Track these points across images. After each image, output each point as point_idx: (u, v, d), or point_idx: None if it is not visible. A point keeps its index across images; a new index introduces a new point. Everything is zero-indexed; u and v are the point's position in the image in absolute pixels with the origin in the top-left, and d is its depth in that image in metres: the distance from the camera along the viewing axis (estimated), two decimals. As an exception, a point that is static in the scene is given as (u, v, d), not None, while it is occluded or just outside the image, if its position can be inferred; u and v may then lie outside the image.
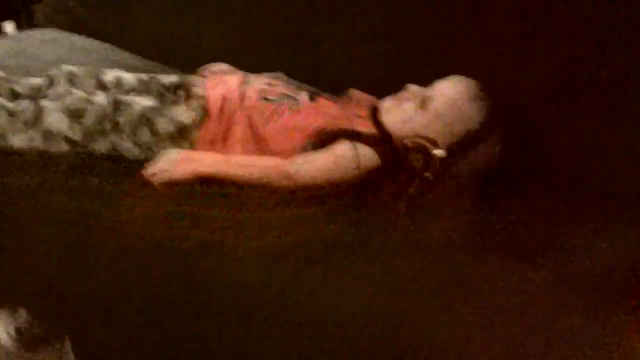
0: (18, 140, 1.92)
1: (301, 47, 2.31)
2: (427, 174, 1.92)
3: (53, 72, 2.09)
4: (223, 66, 2.23)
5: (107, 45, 2.49)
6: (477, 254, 1.69)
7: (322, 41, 2.29)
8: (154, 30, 2.49)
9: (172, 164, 1.84)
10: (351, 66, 2.24)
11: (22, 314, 1.82)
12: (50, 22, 2.64)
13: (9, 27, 2.89)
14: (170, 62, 2.40)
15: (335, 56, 2.26)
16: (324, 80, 2.12)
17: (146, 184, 1.84)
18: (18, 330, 1.82)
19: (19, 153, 1.92)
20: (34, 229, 1.85)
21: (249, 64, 2.22)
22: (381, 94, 2.08)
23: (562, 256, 1.69)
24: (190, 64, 2.27)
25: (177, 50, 2.45)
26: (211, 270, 1.70)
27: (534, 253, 1.70)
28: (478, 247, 1.72)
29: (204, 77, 2.14)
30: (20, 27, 2.84)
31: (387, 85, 2.08)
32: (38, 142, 1.92)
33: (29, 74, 2.12)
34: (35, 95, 2.01)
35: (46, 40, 2.50)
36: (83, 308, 1.79)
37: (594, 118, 1.96)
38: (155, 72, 2.15)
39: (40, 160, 1.91)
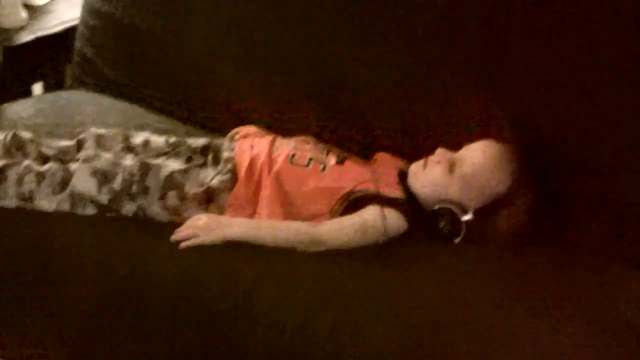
0: (46, 203, 1.93)
1: (335, 106, 2.30)
2: (456, 240, 1.93)
3: (82, 135, 2.10)
4: (252, 128, 2.24)
5: (135, 107, 2.50)
6: (507, 307, 1.69)
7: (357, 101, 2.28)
8: (184, 92, 2.49)
9: (201, 229, 1.84)
10: (382, 128, 2.23)
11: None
12: (80, 84, 2.66)
13: (38, 87, 2.91)
14: (201, 126, 2.40)
15: (368, 116, 2.25)
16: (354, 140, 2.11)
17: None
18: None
19: (46, 214, 1.93)
20: (64, 290, 1.86)
21: (282, 123, 2.25)
22: (410, 157, 2.08)
23: (593, 307, 1.69)
24: (221, 128, 2.28)
25: (208, 113, 2.44)
26: (249, 331, 1.71)
27: (564, 305, 1.70)
28: (507, 299, 1.71)
29: (234, 140, 2.15)
30: (49, 88, 2.85)
31: (416, 146, 2.10)
32: (66, 205, 1.93)
33: (58, 136, 2.14)
34: (64, 158, 2.02)
35: (75, 102, 2.52)
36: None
37: (622, 176, 1.96)
38: (185, 135, 2.16)
39: (68, 222, 1.92)
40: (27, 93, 2.84)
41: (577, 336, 1.62)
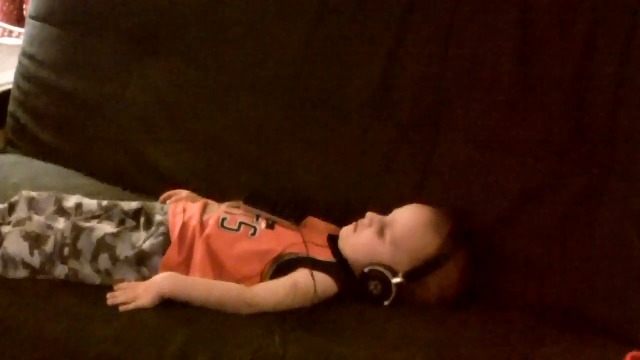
0: None
1: (264, 166, 2.35)
2: (386, 302, 1.95)
3: (14, 198, 2.10)
4: (184, 193, 2.26)
5: (69, 172, 2.50)
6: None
7: (284, 160, 2.33)
8: (116, 157, 2.51)
9: (136, 293, 1.86)
10: (312, 192, 2.27)
11: None
12: (12, 147, 2.65)
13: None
14: (133, 189, 2.42)
15: (297, 181, 2.30)
16: (284, 205, 2.14)
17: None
18: None
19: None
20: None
21: (212, 183, 2.28)
22: (340, 221, 2.12)
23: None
24: (153, 191, 2.30)
25: (140, 177, 2.46)
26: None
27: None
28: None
29: (166, 204, 2.16)
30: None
31: (346, 212, 2.13)
32: (-2, 268, 1.93)
33: (-12, 199, 2.14)
34: (-4, 222, 2.02)
35: (8, 165, 2.51)
36: None
37: (554, 237, 2.03)
38: (117, 198, 2.17)
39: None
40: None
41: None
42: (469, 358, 1.78)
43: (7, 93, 2.72)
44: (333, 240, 2.06)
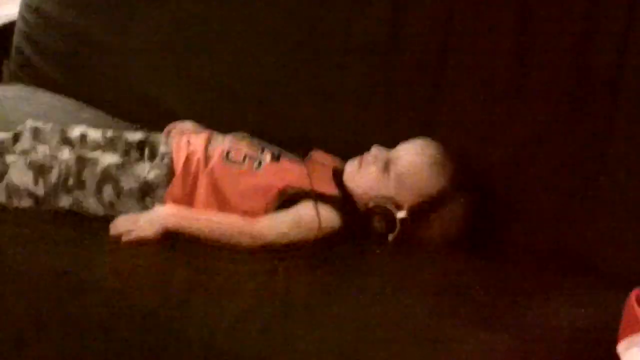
0: None
1: (268, 105, 2.34)
2: (389, 237, 1.95)
3: (19, 127, 2.10)
4: (188, 124, 2.25)
5: (73, 102, 2.50)
6: (442, 313, 1.72)
7: (289, 99, 2.32)
8: (120, 94, 2.50)
9: (137, 224, 1.86)
10: (317, 125, 2.27)
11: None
12: (16, 79, 2.65)
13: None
14: (137, 120, 2.41)
15: (302, 113, 2.30)
16: (289, 137, 2.14)
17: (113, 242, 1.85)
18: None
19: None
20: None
21: (215, 121, 2.26)
22: (345, 154, 2.11)
23: (524, 321, 1.71)
24: (157, 122, 2.28)
25: (144, 108, 2.46)
26: (182, 331, 1.71)
27: (496, 317, 1.71)
28: (442, 309, 1.73)
29: (170, 135, 2.16)
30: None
31: (352, 146, 2.12)
32: (1, 197, 1.94)
33: (-7, 129, 2.13)
34: (1, 150, 2.01)
35: (12, 97, 2.50)
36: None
37: (558, 184, 2.01)
38: (122, 130, 2.16)
39: (3, 215, 1.92)
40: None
41: (511, 340, 1.63)
42: (476, 301, 1.77)
43: (12, 24, 2.71)
44: (337, 175, 2.05)
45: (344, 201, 1.98)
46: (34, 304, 1.84)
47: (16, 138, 2.08)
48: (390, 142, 2.06)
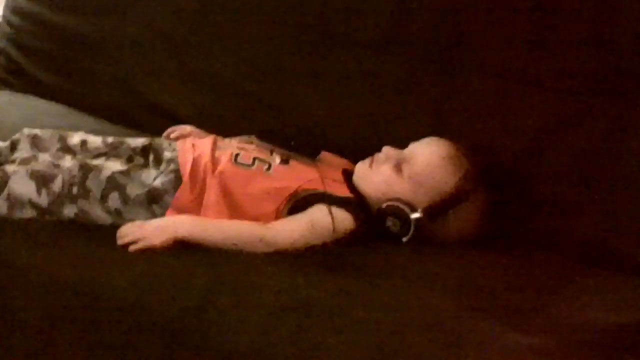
0: None
1: (273, 108, 2.28)
2: (404, 239, 1.92)
3: (15, 135, 2.03)
4: (188, 128, 2.20)
5: (67, 109, 2.44)
6: (468, 310, 1.67)
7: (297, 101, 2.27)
8: (116, 96, 2.44)
9: (149, 232, 1.79)
10: (325, 128, 2.22)
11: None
12: (5, 85, 2.59)
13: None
14: (135, 124, 2.36)
15: (310, 117, 2.25)
16: (298, 141, 2.09)
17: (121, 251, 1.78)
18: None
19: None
20: (6, 300, 1.79)
21: (217, 122, 2.22)
22: (356, 152, 2.07)
23: (553, 319, 1.67)
24: (156, 131, 2.23)
25: (141, 116, 2.40)
26: (203, 337, 1.64)
27: (524, 315, 1.67)
28: (468, 310, 1.69)
29: (173, 140, 2.10)
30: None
31: (363, 142, 2.09)
32: (3, 208, 1.86)
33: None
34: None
35: (1, 104, 2.45)
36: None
37: (575, 174, 1.99)
38: (122, 135, 2.10)
39: (7, 226, 1.85)
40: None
41: (540, 335, 1.60)
42: (502, 299, 1.73)
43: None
44: (348, 176, 2.01)
45: (357, 202, 1.94)
46: (45, 318, 1.78)
47: (13, 146, 2.01)
48: (404, 136, 2.03)
